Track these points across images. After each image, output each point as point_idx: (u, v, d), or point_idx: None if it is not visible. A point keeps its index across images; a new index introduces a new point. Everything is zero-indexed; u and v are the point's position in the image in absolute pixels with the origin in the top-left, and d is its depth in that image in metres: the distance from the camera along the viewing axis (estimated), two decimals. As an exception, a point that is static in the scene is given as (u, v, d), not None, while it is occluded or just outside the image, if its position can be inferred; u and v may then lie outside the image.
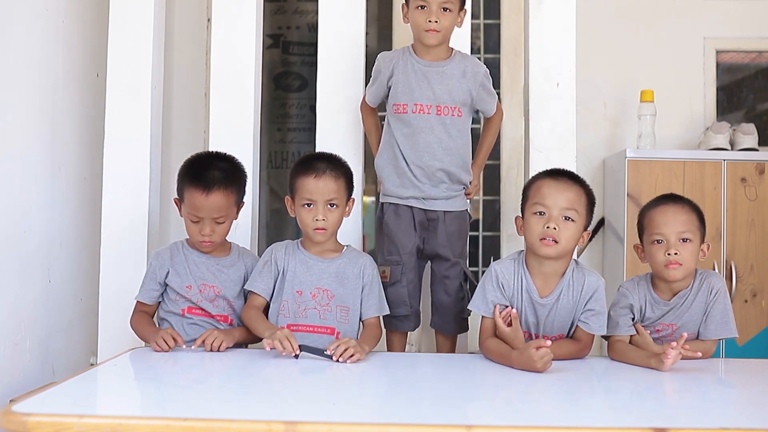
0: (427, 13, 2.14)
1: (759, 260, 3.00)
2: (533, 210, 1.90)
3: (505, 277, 1.95)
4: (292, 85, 3.79)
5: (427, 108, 2.19)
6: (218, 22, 2.50)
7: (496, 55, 3.54)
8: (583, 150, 2.98)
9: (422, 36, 2.17)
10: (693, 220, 1.95)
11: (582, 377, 1.83)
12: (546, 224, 1.86)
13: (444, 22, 2.15)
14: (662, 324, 1.98)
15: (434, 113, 2.19)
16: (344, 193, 2.08)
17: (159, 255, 2.10)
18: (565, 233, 1.86)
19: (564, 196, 1.89)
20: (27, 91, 2.30)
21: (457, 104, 2.22)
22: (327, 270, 2.06)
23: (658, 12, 3.41)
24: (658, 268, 1.94)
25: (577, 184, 1.93)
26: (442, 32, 2.17)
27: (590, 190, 1.97)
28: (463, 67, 2.23)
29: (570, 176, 1.96)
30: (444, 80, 2.21)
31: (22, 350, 2.27)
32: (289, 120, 3.79)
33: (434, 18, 2.13)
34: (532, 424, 1.31)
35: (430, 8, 2.13)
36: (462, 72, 2.23)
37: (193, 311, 2.07)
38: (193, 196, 2.01)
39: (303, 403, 1.41)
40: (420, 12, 2.15)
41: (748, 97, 3.46)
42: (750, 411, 1.45)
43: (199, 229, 2.03)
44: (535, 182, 1.96)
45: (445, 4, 2.14)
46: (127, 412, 1.34)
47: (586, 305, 1.93)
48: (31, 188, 2.32)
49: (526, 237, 1.93)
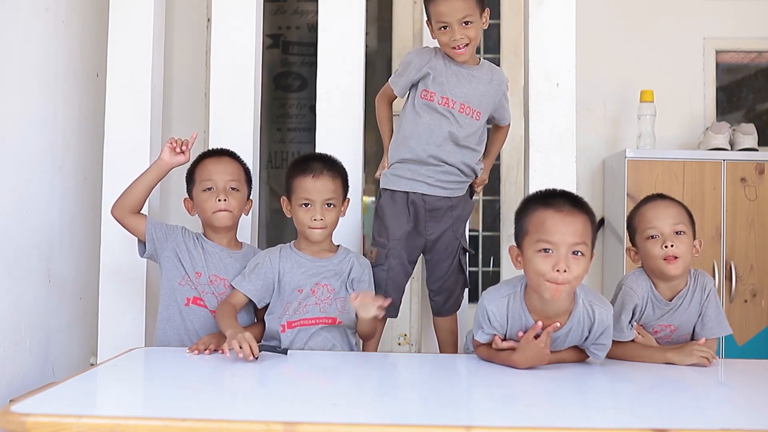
0: (450, 33, 2.13)
1: (759, 260, 3.00)
2: (537, 247, 1.68)
3: (497, 319, 1.79)
4: (292, 85, 3.79)
5: (452, 103, 2.20)
6: (218, 22, 2.50)
7: (496, 55, 3.54)
8: (582, 150, 2.98)
9: (451, 54, 2.18)
10: (684, 214, 1.96)
11: (582, 377, 1.83)
12: (555, 266, 1.65)
13: (468, 33, 2.13)
14: (660, 325, 1.98)
15: (457, 109, 2.20)
16: (341, 193, 2.10)
17: (186, 231, 2.13)
18: (575, 271, 1.66)
19: (571, 230, 1.66)
20: (27, 91, 2.30)
21: (480, 108, 2.23)
22: (324, 268, 2.07)
23: (657, 12, 3.41)
24: (656, 264, 1.93)
25: (582, 213, 1.71)
26: (470, 45, 2.16)
27: (593, 212, 1.75)
28: (491, 75, 2.26)
29: (572, 203, 1.72)
30: (473, 83, 2.22)
31: (22, 350, 2.27)
32: (289, 120, 3.78)
33: (458, 36, 2.12)
34: (532, 425, 1.30)
35: (452, 27, 2.12)
36: (489, 79, 2.25)
37: (197, 302, 2.07)
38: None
39: (302, 404, 1.41)
40: (443, 33, 2.15)
41: (747, 97, 3.46)
42: (750, 411, 1.45)
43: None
44: (534, 213, 1.72)
45: (465, 18, 2.12)
46: (126, 412, 1.34)
47: (597, 339, 1.80)
48: (31, 188, 2.32)
49: (529, 277, 1.72)
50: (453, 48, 2.15)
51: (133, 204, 2.09)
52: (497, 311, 1.79)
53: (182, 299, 2.08)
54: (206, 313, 2.07)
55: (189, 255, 2.10)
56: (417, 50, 2.30)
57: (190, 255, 2.10)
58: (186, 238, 2.13)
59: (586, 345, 1.82)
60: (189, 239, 2.13)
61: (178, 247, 2.10)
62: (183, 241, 2.11)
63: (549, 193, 1.77)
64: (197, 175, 2.14)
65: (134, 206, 2.09)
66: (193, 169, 2.17)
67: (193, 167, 2.17)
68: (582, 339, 1.81)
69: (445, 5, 2.11)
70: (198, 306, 2.07)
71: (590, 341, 1.81)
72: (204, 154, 2.21)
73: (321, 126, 2.48)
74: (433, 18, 2.15)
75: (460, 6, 2.10)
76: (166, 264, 2.11)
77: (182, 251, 2.10)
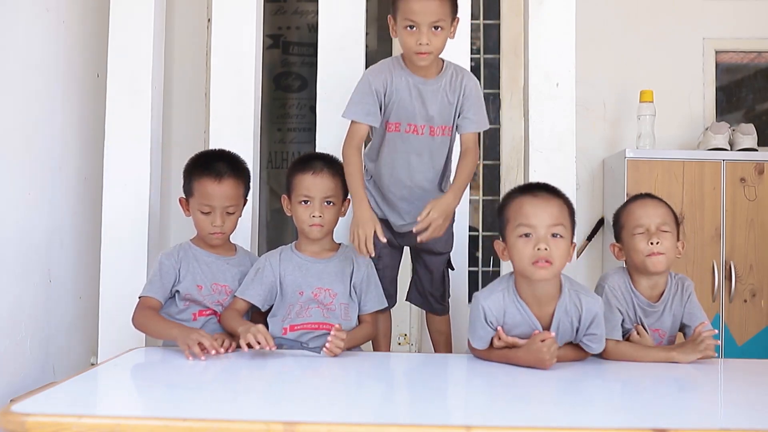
0: (417, 35, 1.96)
1: (758, 260, 3.00)
2: (518, 233, 1.76)
3: (494, 314, 1.81)
4: (292, 86, 3.79)
5: (420, 129, 2.08)
6: (218, 22, 2.50)
7: (496, 55, 3.54)
8: (582, 150, 2.98)
9: (413, 58, 2.01)
10: (670, 215, 2.00)
11: (582, 377, 1.83)
12: (536, 246, 1.73)
13: (436, 42, 1.97)
14: (650, 330, 1.99)
15: (427, 133, 2.08)
16: (340, 191, 2.08)
17: (170, 255, 2.07)
18: (556, 252, 1.74)
19: (548, 212, 1.76)
20: (27, 92, 2.30)
21: (448, 123, 2.10)
22: (325, 270, 2.07)
23: (657, 12, 3.41)
24: (640, 259, 1.95)
25: (558, 198, 1.81)
26: (434, 53, 2.00)
27: (569, 200, 1.85)
28: (456, 81, 2.09)
29: (547, 190, 1.83)
30: (437, 97, 2.07)
31: (23, 350, 2.27)
32: (289, 120, 3.78)
33: (425, 40, 1.95)
34: (532, 425, 1.30)
35: (420, 29, 1.95)
36: (452, 87, 2.09)
37: (204, 314, 2.05)
38: (205, 185, 2.02)
39: (302, 404, 1.41)
40: (409, 33, 1.97)
41: (747, 97, 3.46)
42: (750, 411, 1.45)
43: (211, 221, 2.03)
44: (512, 202, 1.82)
45: (436, 23, 1.96)
46: (126, 412, 1.34)
47: (588, 329, 1.83)
48: (31, 188, 2.32)
49: (515, 263, 1.79)
50: (416, 53, 1.98)
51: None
52: (493, 306, 1.81)
53: (189, 316, 2.05)
54: (212, 318, 2.06)
55: (187, 277, 2.04)
56: (372, 70, 2.11)
57: (187, 276, 2.05)
58: (179, 262, 2.05)
59: (579, 338, 1.84)
60: (183, 259, 2.06)
61: (177, 284, 2.04)
62: (178, 268, 2.04)
63: (526, 185, 1.90)
64: (195, 191, 2.06)
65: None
66: (191, 178, 2.07)
67: (190, 175, 2.08)
68: (573, 331, 1.83)
69: (418, 3, 1.93)
70: (204, 317, 2.06)
71: (581, 332, 1.83)
72: (204, 168, 2.06)
73: (321, 126, 2.48)
74: (401, 14, 1.97)
75: (433, 7, 1.94)
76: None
77: (181, 284, 2.04)
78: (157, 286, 2.03)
